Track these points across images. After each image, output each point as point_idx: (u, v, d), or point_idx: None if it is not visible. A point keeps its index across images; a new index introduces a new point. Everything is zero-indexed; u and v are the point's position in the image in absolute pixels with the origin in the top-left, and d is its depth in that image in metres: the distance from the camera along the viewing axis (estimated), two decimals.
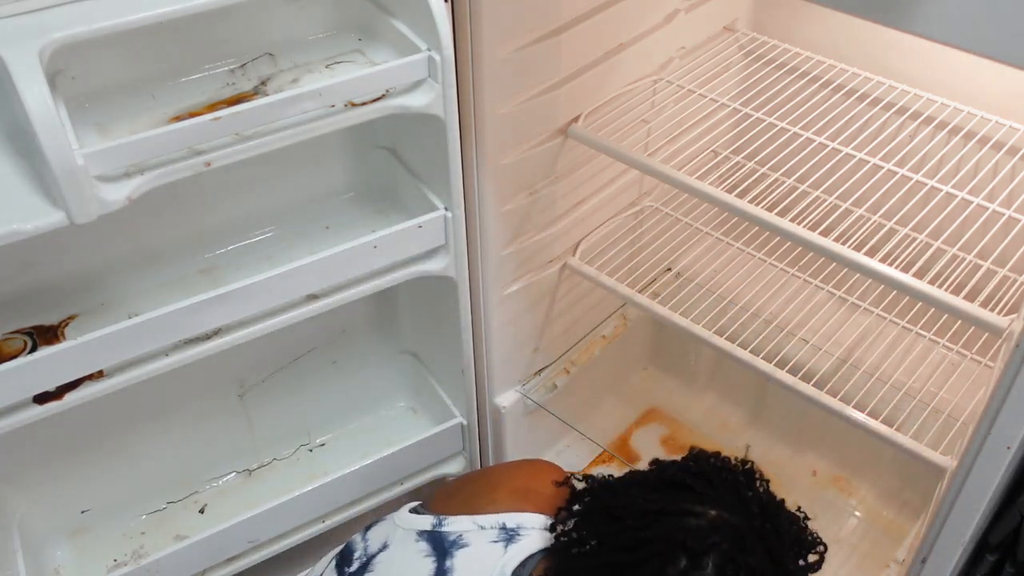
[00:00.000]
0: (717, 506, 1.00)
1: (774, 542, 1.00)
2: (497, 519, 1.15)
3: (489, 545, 1.12)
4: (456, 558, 1.11)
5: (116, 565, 1.45)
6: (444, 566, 1.11)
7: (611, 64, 1.56)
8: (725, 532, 0.98)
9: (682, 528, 0.98)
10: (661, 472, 1.08)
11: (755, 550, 0.98)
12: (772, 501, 1.06)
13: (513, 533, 1.13)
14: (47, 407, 1.13)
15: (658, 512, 1.00)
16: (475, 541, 1.13)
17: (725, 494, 1.02)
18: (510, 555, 1.10)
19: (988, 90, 1.55)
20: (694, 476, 1.04)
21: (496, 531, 1.13)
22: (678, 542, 0.96)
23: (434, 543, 1.14)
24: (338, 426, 1.68)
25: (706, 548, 0.96)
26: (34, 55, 0.96)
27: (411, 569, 1.12)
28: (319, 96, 1.12)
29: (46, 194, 1.00)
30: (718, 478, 1.05)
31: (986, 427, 1.05)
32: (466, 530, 1.14)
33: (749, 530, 0.99)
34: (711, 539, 0.97)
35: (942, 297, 1.23)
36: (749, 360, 1.48)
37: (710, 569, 0.95)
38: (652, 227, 1.82)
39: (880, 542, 1.78)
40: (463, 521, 1.15)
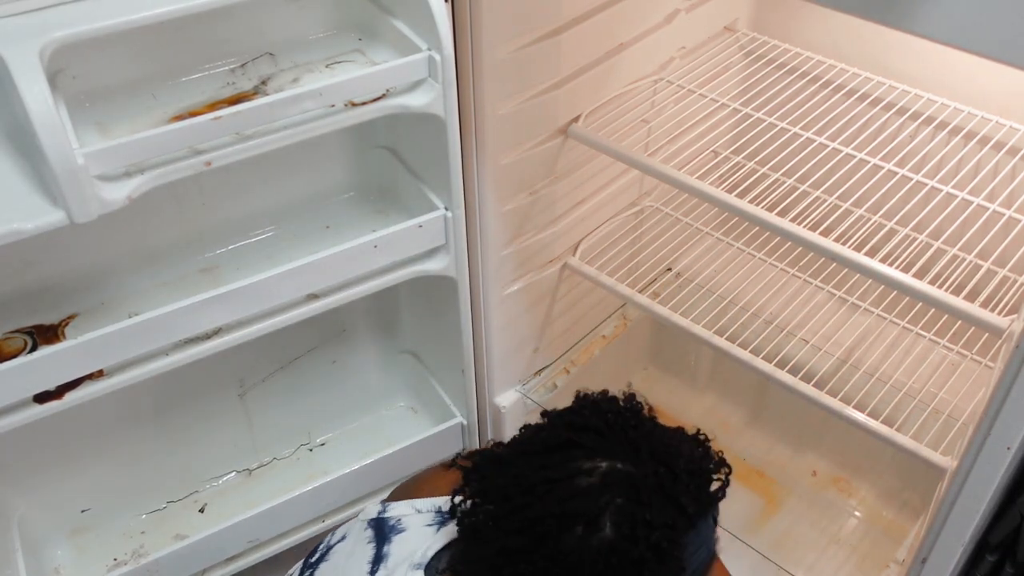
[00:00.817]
0: (608, 457, 0.94)
1: (670, 485, 0.95)
2: (434, 502, 1.13)
3: (423, 528, 1.10)
4: (393, 543, 1.09)
5: (116, 564, 1.45)
6: (382, 551, 1.09)
7: (611, 64, 1.56)
8: (618, 487, 0.92)
9: (572, 494, 0.92)
10: (549, 433, 1.01)
11: (651, 500, 0.93)
12: (663, 438, 1.00)
13: (446, 517, 1.10)
14: (47, 406, 1.13)
15: (545, 482, 0.94)
16: (412, 524, 1.11)
17: (616, 443, 0.96)
18: (440, 535, 1.08)
19: (988, 90, 1.55)
20: (582, 431, 0.98)
21: (432, 514, 1.12)
22: (570, 512, 0.91)
23: (377, 529, 1.13)
24: (338, 426, 1.68)
25: (600, 509, 0.91)
26: (34, 54, 0.96)
27: (357, 556, 1.11)
28: (319, 96, 1.12)
29: (46, 193, 1.00)
30: (607, 426, 0.98)
31: (986, 427, 1.05)
32: (404, 514, 1.12)
33: (642, 478, 0.94)
34: (603, 498, 0.91)
35: (942, 297, 1.23)
36: (749, 360, 1.48)
37: (608, 529, 0.90)
38: (652, 227, 1.82)
39: (880, 542, 1.78)
40: (403, 506, 1.14)
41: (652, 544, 0.91)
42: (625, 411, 1.02)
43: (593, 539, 0.90)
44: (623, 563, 0.90)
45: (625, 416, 1.01)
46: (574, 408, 1.04)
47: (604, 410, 1.01)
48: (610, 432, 0.98)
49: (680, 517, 0.94)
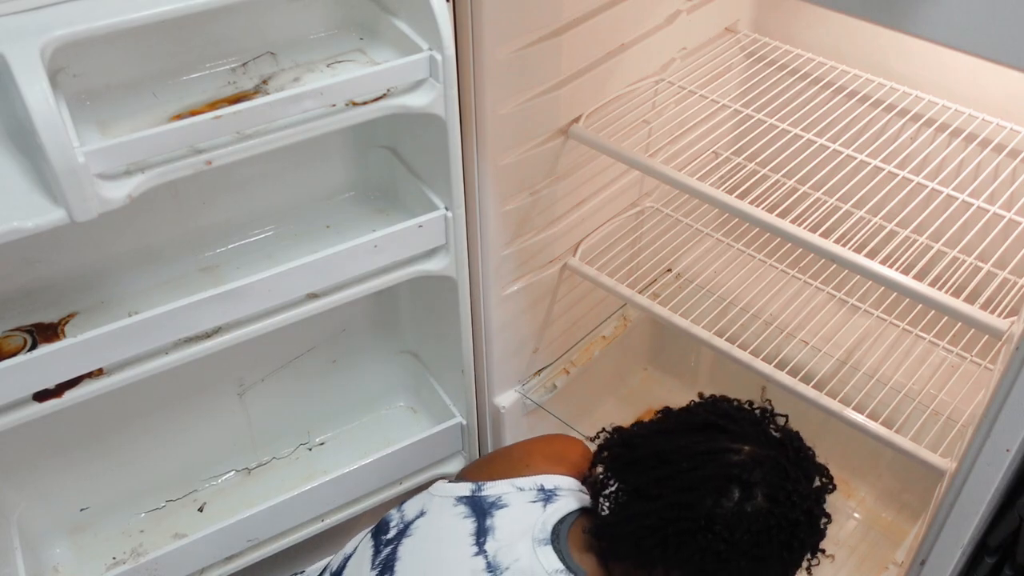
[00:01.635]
0: (749, 442, 1.07)
1: (808, 466, 1.09)
2: (535, 480, 1.20)
3: (528, 505, 1.16)
4: (496, 517, 1.15)
5: (115, 563, 1.45)
6: (485, 524, 1.15)
7: (612, 65, 1.56)
8: (766, 464, 1.05)
9: (730, 464, 1.05)
10: (688, 417, 1.14)
11: (797, 476, 1.06)
12: (790, 432, 1.13)
13: (551, 493, 1.18)
14: (47, 405, 1.13)
15: (706, 452, 1.06)
16: (514, 502, 1.17)
17: (751, 431, 1.09)
18: (549, 512, 1.15)
19: (989, 92, 1.55)
20: (721, 416, 1.11)
21: (534, 492, 1.18)
22: (731, 476, 1.04)
23: (473, 506, 1.18)
24: (337, 425, 1.68)
25: (755, 480, 1.03)
26: (35, 53, 0.95)
27: (451, 529, 1.16)
28: (320, 95, 1.12)
29: (47, 192, 1.00)
30: (740, 417, 1.12)
31: (985, 430, 1.05)
32: (505, 492, 1.19)
33: (785, 459, 1.07)
34: (756, 472, 1.04)
35: (942, 299, 1.23)
36: (749, 361, 1.48)
37: (760, 499, 1.03)
38: (652, 228, 1.82)
39: (879, 544, 1.78)
40: (501, 484, 1.20)
41: (805, 510, 1.05)
42: (753, 409, 1.15)
43: (748, 504, 1.03)
44: (780, 525, 1.03)
45: (754, 412, 1.14)
46: (703, 403, 1.17)
47: (735, 406, 1.15)
48: (745, 422, 1.11)
49: (818, 491, 1.09)
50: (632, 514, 1.08)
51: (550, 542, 1.11)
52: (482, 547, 1.12)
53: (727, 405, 1.15)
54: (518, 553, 1.10)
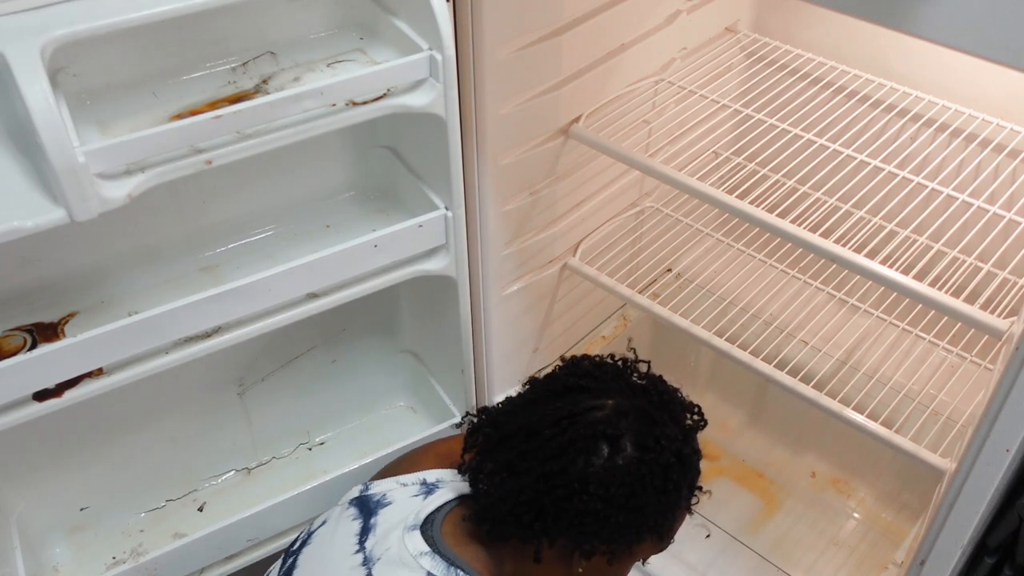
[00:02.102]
0: (612, 396, 1.09)
1: (674, 407, 1.13)
2: (418, 476, 1.23)
3: (410, 499, 1.18)
4: (379, 515, 1.17)
5: (115, 563, 1.44)
6: (369, 523, 1.16)
7: (612, 64, 1.56)
8: (631, 415, 1.07)
9: (594, 421, 1.06)
10: (550, 384, 1.15)
11: (663, 420, 1.08)
12: (653, 377, 1.16)
13: (432, 486, 1.20)
14: (46, 404, 1.13)
15: (569, 416, 1.07)
16: (397, 498, 1.19)
17: (613, 384, 1.11)
18: (427, 503, 1.17)
19: (989, 92, 1.55)
20: (582, 377, 1.13)
21: (417, 486, 1.20)
22: (597, 434, 1.05)
23: (361, 506, 1.19)
24: (337, 425, 1.67)
25: (621, 431, 1.05)
26: (35, 52, 0.95)
27: (341, 534, 1.17)
28: (320, 95, 1.12)
29: (47, 191, 1.00)
30: (601, 372, 1.14)
31: (985, 430, 1.05)
32: (389, 489, 1.21)
33: (649, 406, 1.10)
34: (621, 423, 1.06)
35: (942, 300, 1.23)
36: (748, 361, 1.48)
37: (630, 449, 1.05)
38: (653, 228, 1.82)
39: (879, 544, 1.78)
40: (387, 482, 1.22)
41: (674, 452, 1.07)
42: (615, 361, 1.17)
43: (619, 457, 1.04)
44: (653, 472, 1.05)
45: (616, 365, 1.16)
46: (564, 365, 1.18)
47: (595, 361, 1.17)
48: (605, 376, 1.13)
49: (687, 431, 1.12)
50: (507, 492, 1.08)
51: (419, 528, 1.12)
52: (363, 544, 1.13)
53: (587, 363, 1.16)
54: (389, 543, 1.11)
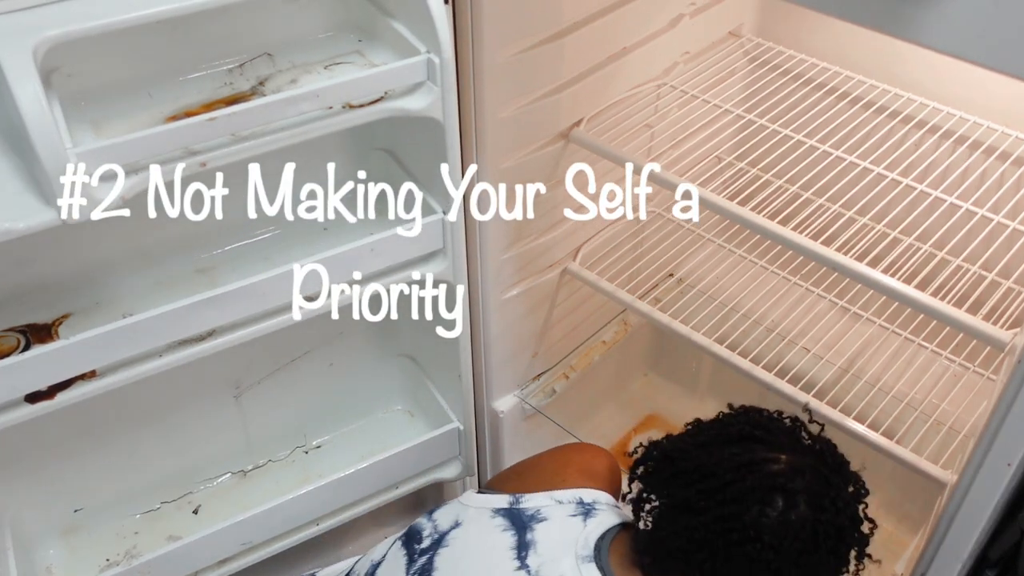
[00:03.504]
0: (785, 452, 1.07)
1: (846, 474, 1.10)
2: (574, 494, 1.19)
3: (568, 519, 1.15)
4: (536, 531, 1.14)
5: (108, 565, 1.44)
6: (525, 538, 1.13)
7: (614, 68, 1.55)
8: (807, 473, 1.04)
9: (771, 473, 1.04)
10: (723, 428, 1.13)
11: (837, 483, 1.06)
12: (826, 440, 1.13)
13: (590, 507, 1.17)
14: (38, 406, 1.12)
15: (747, 464, 1.05)
16: (554, 515, 1.16)
17: (786, 440, 1.09)
18: (590, 527, 1.14)
19: (995, 100, 1.53)
20: (756, 427, 1.10)
21: (574, 505, 1.17)
22: (776, 486, 1.03)
23: (512, 519, 1.16)
24: (334, 429, 1.67)
25: (797, 488, 1.03)
26: (28, 53, 0.95)
27: (490, 542, 1.14)
28: (316, 97, 1.11)
29: (39, 193, 0.99)
30: (774, 426, 1.12)
31: (987, 443, 1.04)
32: (544, 505, 1.17)
33: (823, 467, 1.07)
34: (798, 480, 1.03)
35: (945, 310, 1.21)
36: (749, 369, 1.47)
37: (803, 507, 1.02)
38: (654, 232, 1.81)
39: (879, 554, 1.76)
40: (540, 497, 1.19)
41: (849, 516, 1.06)
42: (784, 418, 1.14)
43: (792, 512, 1.02)
44: (827, 532, 1.03)
45: (785, 422, 1.14)
46: (735, 413, 1.16)
47: (768, 415, 1.14)
48: (779, 431, 1.11)
49: (856, 497, 1.09)
50: (680, 528, 1.06)
51: (593, 559, 1.10)
52: (524, 561, 1.11)
53: (759, 415, 1.14)
54: (562, 569, 1.09)
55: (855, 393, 1.47)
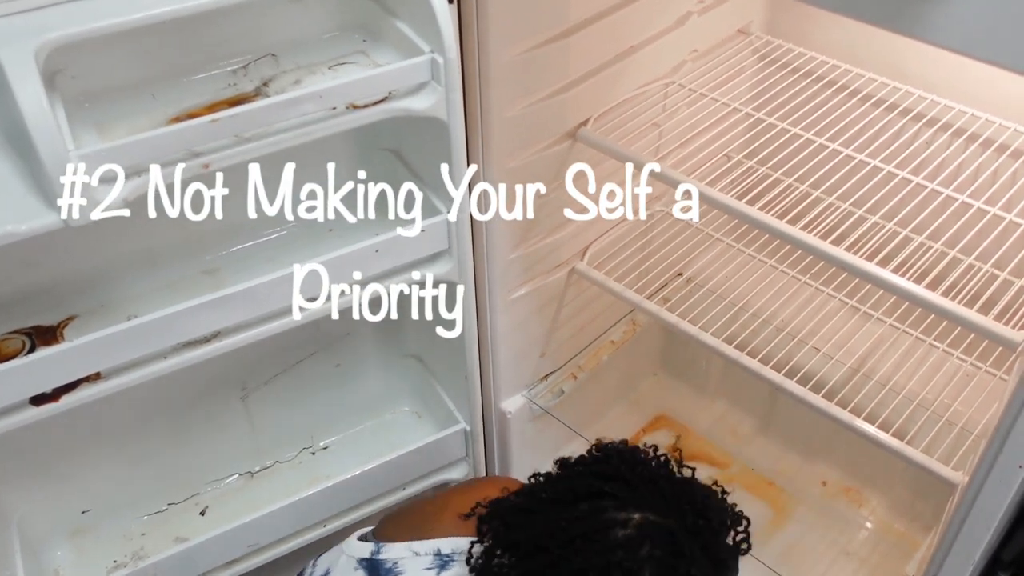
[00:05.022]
0: (641, 508, 0.94)
1: (708, 537, 0.96)
2: (433, 544, 1.12)
3: (422, 572, 1.09)
4: None
5: (116, 566, 1.44)
6: None
7: (622, 67, 1.54)
8: (656, 538, 0.92)
9: (611, 546, 0.92)
10: (573, 484, 1.01)
11: (692, 552, 0.93)
12: (696, 491, 0.99)
13: (447, 559, 1.10)
14: (43, 409, 1.12)
15: (582, 535, 0.93)
16: (409, 568, 1.10)
17: (646, 493, 0.96)
18: None
19: (1007, 96, 1.52)
20: (610, 480, 0.98)
21: (431, 557, 1.11)
22: (612, 563, 0.91)
23: (371, 571, 1.12)
24: (341, 430, 1.66)
25: (640, 561, 0.91)
26: (30, 55, 0.94)
27: None
28: (320, 98, 1.11)
29: (42, 195, 0.99)
30: (634, 476, 0.98)
31: (998, 445, 1.02)
32: (401, 557, 1.12)
33: (681, 530, 0.94)
34: (643, 550, 0.91)
35: (956, 310, 1.20)
36: (758, 370, 1.46)
37: None
38: (663, 231, 1.79)
39: (891, 555, 1.75)
40: (399, 548, 1.13)
41: None
42: (651, 461, 1.01)
43: None
44: None
45: (651, 466, 1.00)
46: (598, 457, 1.03)
47: (630, 460, 1.01)
48: (639, 481, 0.97)
49: (718, 569, 0.95)
50: None
51: None
52: None
53: (619, 460, 1.01)
54: None
55: (866, 393, 1.46)
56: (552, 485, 1.03)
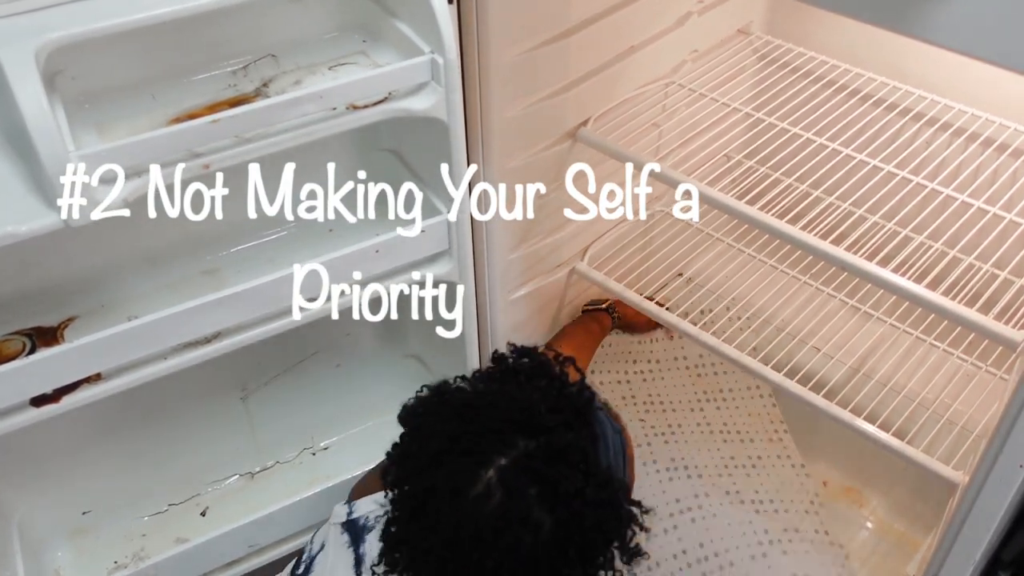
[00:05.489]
0: (491, 463, 0.92)
1: (552, 454, 0.93)
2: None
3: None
4: (366, 542, 1.13)
5: (116, 567, 1.44)
6: (359, 552, 1.12)
7: (622, 67, 1.54)
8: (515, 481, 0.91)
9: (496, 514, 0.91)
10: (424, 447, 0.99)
11: (555, 473, 0.91)
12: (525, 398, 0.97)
13: None
14: (43, 410, 1.12)
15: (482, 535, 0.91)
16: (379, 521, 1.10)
17: (488, 442, 0.93)
18: None
19: (1007, 96, 1.52)
20: (456, 441, 0.95)
21: None
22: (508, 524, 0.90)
23: (351, 530, 1.15)
24: (342, 430, 1.66)
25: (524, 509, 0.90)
26: (30, 55, 0.95)
27: (336, 564, 1.13)
28: (320, 99, 1.11)
29: (42, 196, 0.99)
30: (472, 428, 0.95)
31: (999, 445, 1.02)
32: (370, 511, 1.16)
33: (528, 463, 0.92)
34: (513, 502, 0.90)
35: (956, 309, 1.20)
36: (758, 369, 1.46)
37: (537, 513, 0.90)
38: (663, 232, 1.80)
39: (892, 555, 1.75)
40: (366, 502, 1.17)
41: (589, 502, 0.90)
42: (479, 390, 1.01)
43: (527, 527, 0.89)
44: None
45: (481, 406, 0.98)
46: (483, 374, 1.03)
47: (461, 410, 0.98)
48: (479, 434, 0.94)
49: (581, 462, 0.93)
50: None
51: None
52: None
53: (451, 411, 0.99)
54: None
55: (866, 393, 1.46)
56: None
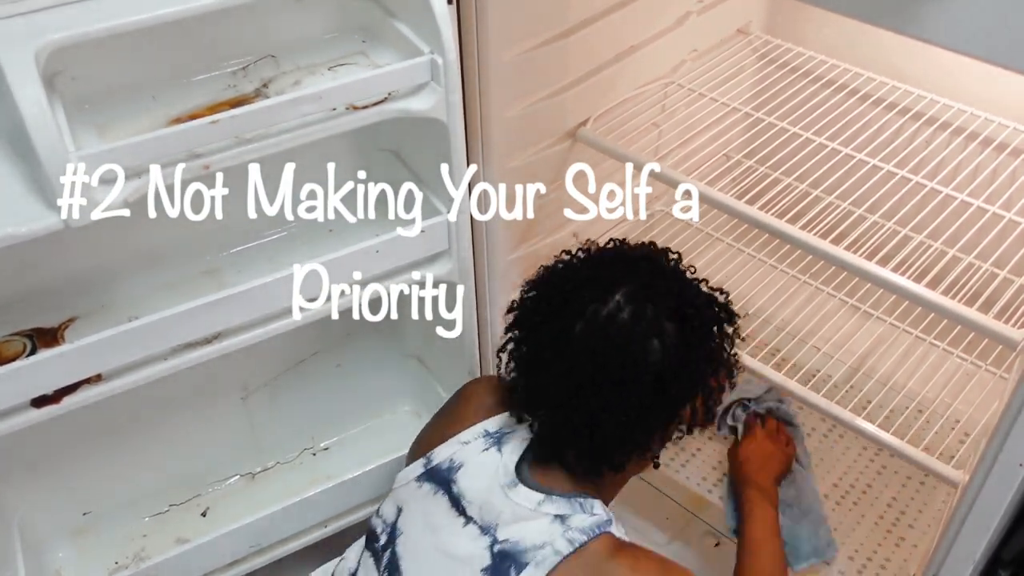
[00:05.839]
0: (617, 288, 1.12)
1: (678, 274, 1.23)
2: (475, 430, 1.18)
3: (481, 454, 1.15)
4: (459, 481, 1.14)
5: (117, 568, 1.44)
6: (454, 492, 1.13)
7: (621, 67, 1.54)
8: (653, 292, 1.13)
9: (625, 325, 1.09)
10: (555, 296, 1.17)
11: (672, 289, 1.15)
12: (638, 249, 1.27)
13: (499, 435, 1.17)
14: (44, 411, 1.12)
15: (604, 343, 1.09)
16: (468, 457, 1.15)
17: (612, 271, 1.19)
18: (505, 455, 1.13)
19: (1006, 96, 1.52)
20: (582, 284, 1.16)
21: (481, 440, 1.17)
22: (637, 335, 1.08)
23: (434, 479, 1.16)
24: (342, 430, 1.66)
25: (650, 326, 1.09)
26: (30, 57, 0.95)
27: (431, 511, 1.14)
28: (319, 99, 1.11)
29: (42, 197, 0.99)
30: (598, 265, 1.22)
31: (998, 444, 1.03)
32: (454, 452, 1.17)
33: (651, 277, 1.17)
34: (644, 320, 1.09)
35: (956, 308, 1.20)
36: (758, 368, 1.46)
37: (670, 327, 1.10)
38: (663, 231, 1.80)
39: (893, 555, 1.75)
40: (446, 448, 1.18)
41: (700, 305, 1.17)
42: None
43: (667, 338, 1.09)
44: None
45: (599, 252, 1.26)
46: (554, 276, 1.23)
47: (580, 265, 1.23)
48: (603, 264, 1.22)
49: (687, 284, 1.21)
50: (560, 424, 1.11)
51: (518, 482, 1.10)
52: (466, 514, 1.11)
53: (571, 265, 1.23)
54: (497, 507, 1.09)
55: (866, 392, 1.46)
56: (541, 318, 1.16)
